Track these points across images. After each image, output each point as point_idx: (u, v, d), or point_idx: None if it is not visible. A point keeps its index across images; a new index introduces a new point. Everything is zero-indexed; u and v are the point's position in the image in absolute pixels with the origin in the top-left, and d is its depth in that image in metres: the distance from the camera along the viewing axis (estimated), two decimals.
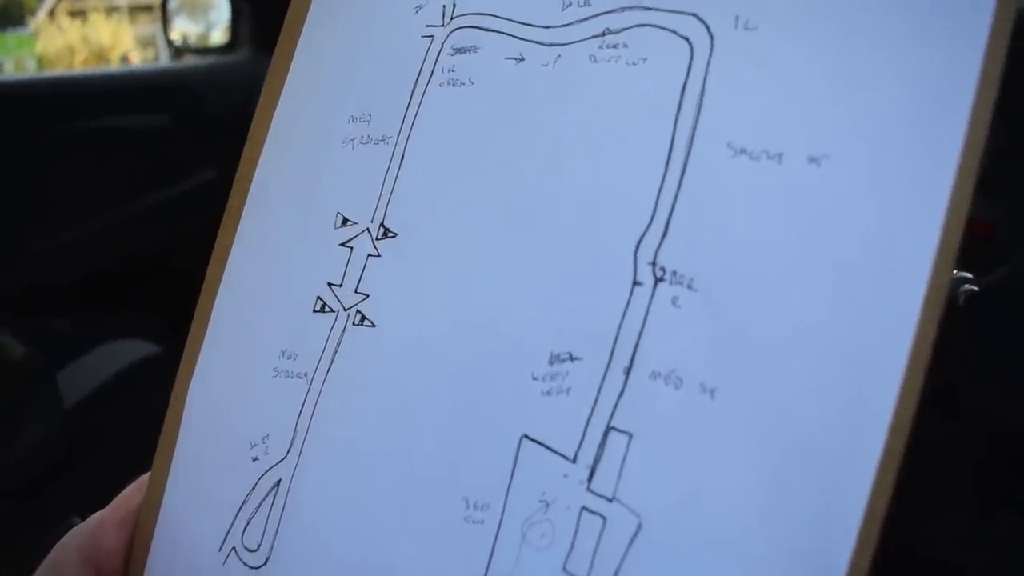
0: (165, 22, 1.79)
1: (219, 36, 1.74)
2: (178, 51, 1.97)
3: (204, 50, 1.81)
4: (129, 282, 1.57)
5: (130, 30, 7.41)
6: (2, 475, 1.19)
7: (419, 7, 0.35)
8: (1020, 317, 0.52)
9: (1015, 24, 0.26)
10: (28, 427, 1.32)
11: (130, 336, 1.41)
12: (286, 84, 0.37)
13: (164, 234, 1.56)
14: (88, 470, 1.25)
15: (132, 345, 1.41)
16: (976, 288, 0.47)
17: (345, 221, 0.34)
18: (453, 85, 0.33)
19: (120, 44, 6.90)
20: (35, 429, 1.30)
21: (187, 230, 1.56)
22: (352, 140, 0.35)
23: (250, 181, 0.37)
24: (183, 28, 1.88)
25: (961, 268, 0.48)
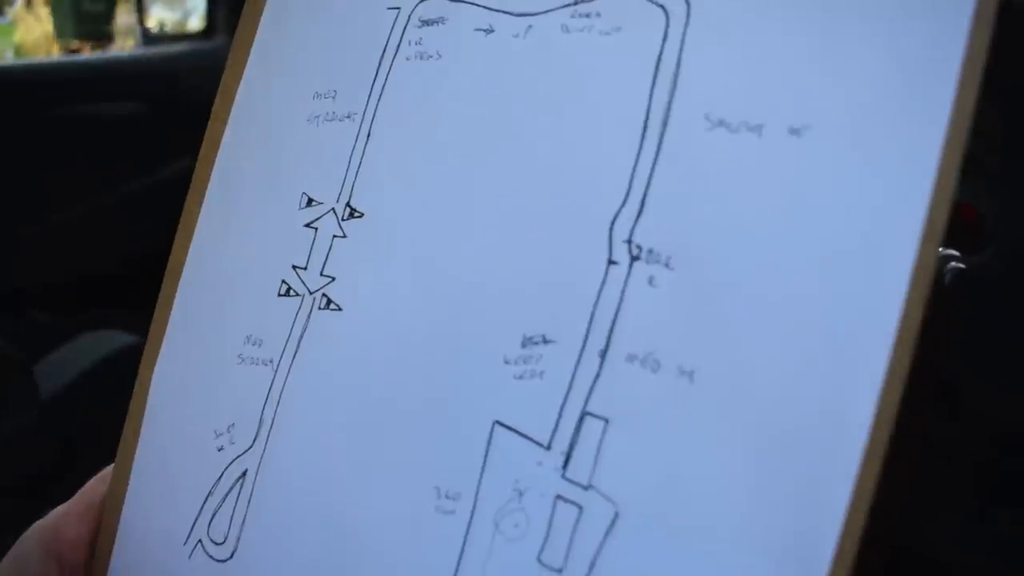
0: (141, 10, 1.77)
1: (196, 23, 1.72)
2: (153, 38, 1.95)
3: (181, 37, 1.79)
4: (106, 271, 1.56)
5: None
6: None
7: None
8: (1012, 304, 0.52)
9: (1005, 10, 0.25)
10: (5, 420, 1.30)
11: (108, 326, 1.39)
12: (249, 61, 0.36)
13: (141, 222, 1.54)
14: (66, 463, 1.24)
15: (110, 335, 1.39)
16: (963, 266, 0.46)
17: (310, 201, 0.33)
18: (420, 59, 0.32)
19: None
20: (12, 422, 1.28)
21: (163, 218, 1.54)
22: (317, 117, 0.34)
23: (213, 162, 0.36)
24: (159, 15, 1.86)
25: (947, 247, 0.47)
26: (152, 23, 1.83)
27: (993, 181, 0.54)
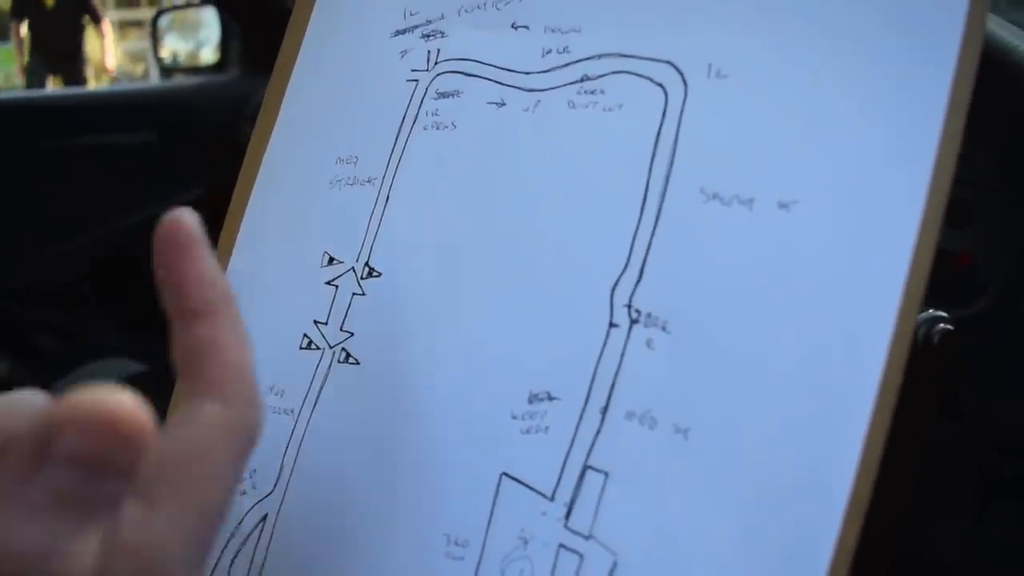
0: (155, 40, 1.80)
1: (208, 55, 1.74)
2: (167, 71, 1.97)
3: (193, 69, 1.82)
4: (115, 300, 1.57)
5: (120, 45, 7.43)
6: None
7: (405, 52, 0.36)
8: (1009, 344, 0.53)
9: (992, 57, 0.26)
10: None
11: (116, 354, 1.40)
12: (276, 125, 0.38)
13: (150, 252, 1.56)
14: None
15: (118, 364, 1.40)
16: (951, 327, 0.48)
17: (331, 260, 0.35)
18: (437, 128, 0.34)
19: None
20: None
21: None
22: (339, 181, 0.36)
23: (240, 219, 0.38)
24: (173, 46, 1.88)
25: (938, 303, 0.48)
26: (165, 53, 1.85)
27: (986, 229, 0.55)
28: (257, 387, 0.22)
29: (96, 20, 4.30)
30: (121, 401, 0.18)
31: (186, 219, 0.22)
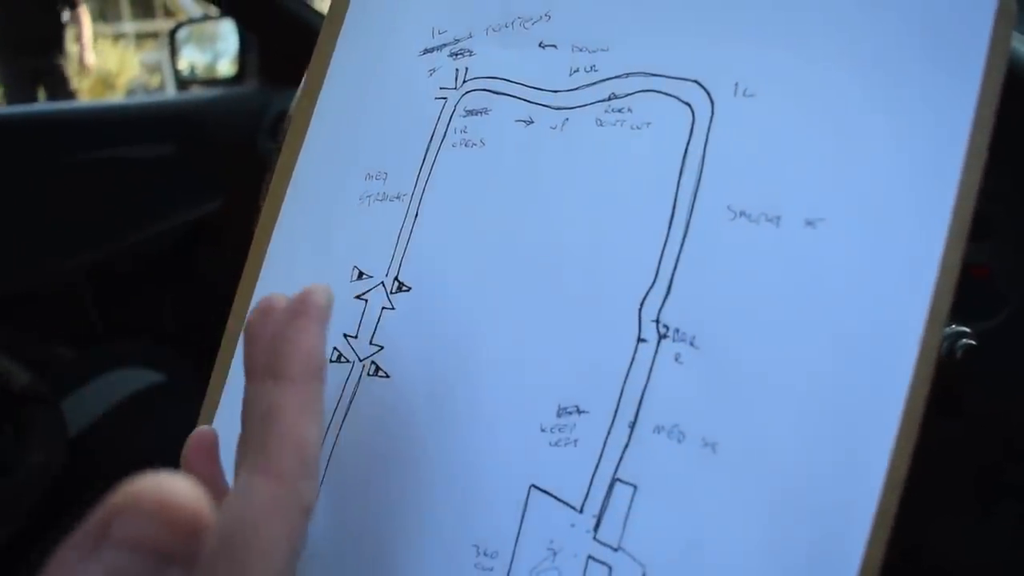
0: (173, 52, 1.82)
1: (226, 67, 1.75)
2: (184, 82, 1.99)
3: (211, 81, 1.83)
4: (133, 310, 1.59)
5: (136, 56, 7.49)
6: (6, 500, 1.20)
7: (433, 70, 0.37)
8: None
9: (1010, 70, 0.27)
10: (32, 453, 1.32)
11: (134, 364, 1.41)
12: (305, 141, 0.39)
13: (168, 263, 1.57)
14: (91, 499, 1.25)
15: (136, 373, 1.41)
16: (974, 343, 0.48)
17: (361, 275, 0.36)
18: (465, 146, 0.35)
19: (127, 70, 6.99)
20: (39, 456, 1.30)
21: (191, 259, 1.58)
22: (368, 197, 0.37)
23: (270, 234, 0.38)
24: (190, 58, 1.90)
25: (956, 315, 0.49)
26: (183, 65, 1.87)
27: (1005, 241, 0.55)
28: (314, 463, 0.23)
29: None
30: (178, 488, 0.18)
31: (323, 294, 0.24)
